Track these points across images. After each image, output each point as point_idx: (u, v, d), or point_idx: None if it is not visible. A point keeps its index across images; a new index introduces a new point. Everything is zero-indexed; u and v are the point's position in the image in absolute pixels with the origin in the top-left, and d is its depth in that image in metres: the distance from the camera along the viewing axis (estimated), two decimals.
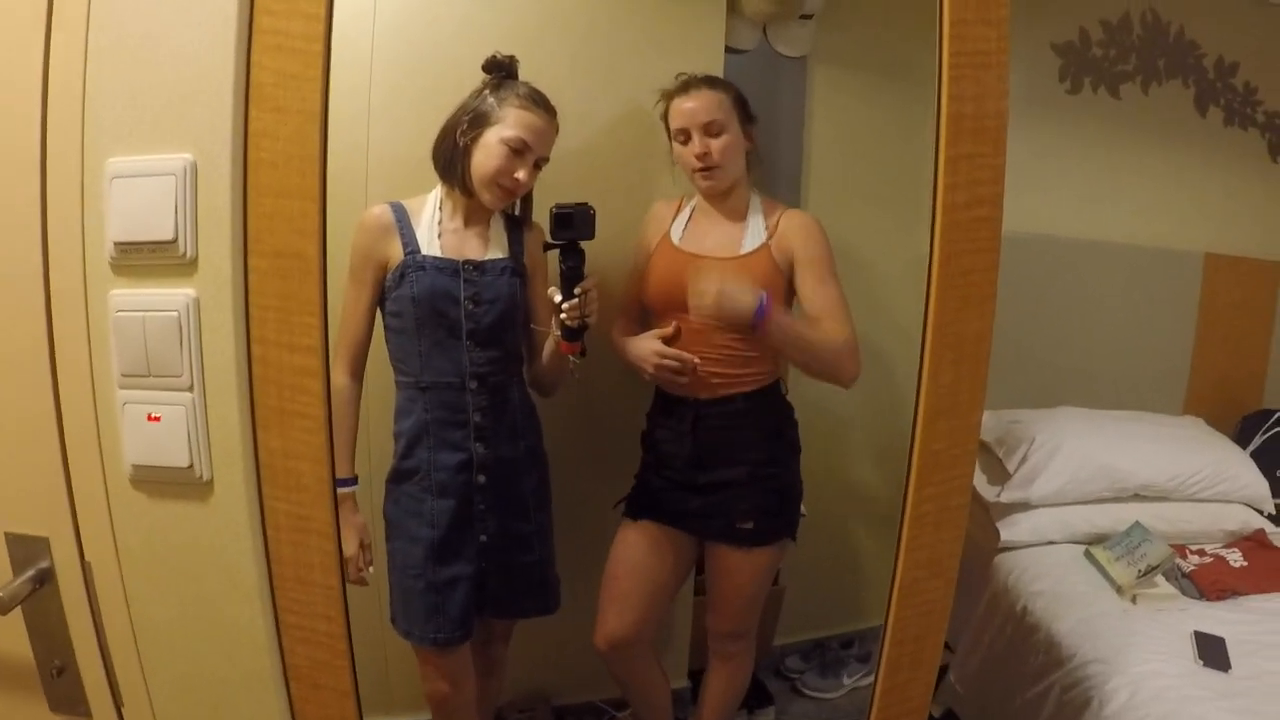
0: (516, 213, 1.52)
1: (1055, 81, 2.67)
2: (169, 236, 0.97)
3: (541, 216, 1.43)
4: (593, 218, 1.35)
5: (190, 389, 1.00)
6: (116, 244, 0.98)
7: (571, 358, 1.43)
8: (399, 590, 1.51)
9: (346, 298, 1.46)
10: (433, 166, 1.47)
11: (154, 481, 1.03)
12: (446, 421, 1.46)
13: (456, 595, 1.48)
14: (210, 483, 1.03)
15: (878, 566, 1.24)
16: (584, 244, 1.39)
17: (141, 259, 0.99)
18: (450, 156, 1.44)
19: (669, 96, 1.54)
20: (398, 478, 1.49)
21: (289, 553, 1.06)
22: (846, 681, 2.06)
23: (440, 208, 1.47)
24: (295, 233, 0.98)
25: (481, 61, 1.44)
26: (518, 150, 1.40)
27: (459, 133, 1.43)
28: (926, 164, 1.11)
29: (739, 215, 1.56)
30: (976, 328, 1.16)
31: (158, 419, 1.01)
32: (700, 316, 1.46)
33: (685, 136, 1.51)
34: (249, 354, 1.01)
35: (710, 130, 1.49)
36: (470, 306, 1.43)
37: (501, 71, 1.44)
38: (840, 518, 1.99)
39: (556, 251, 1.37)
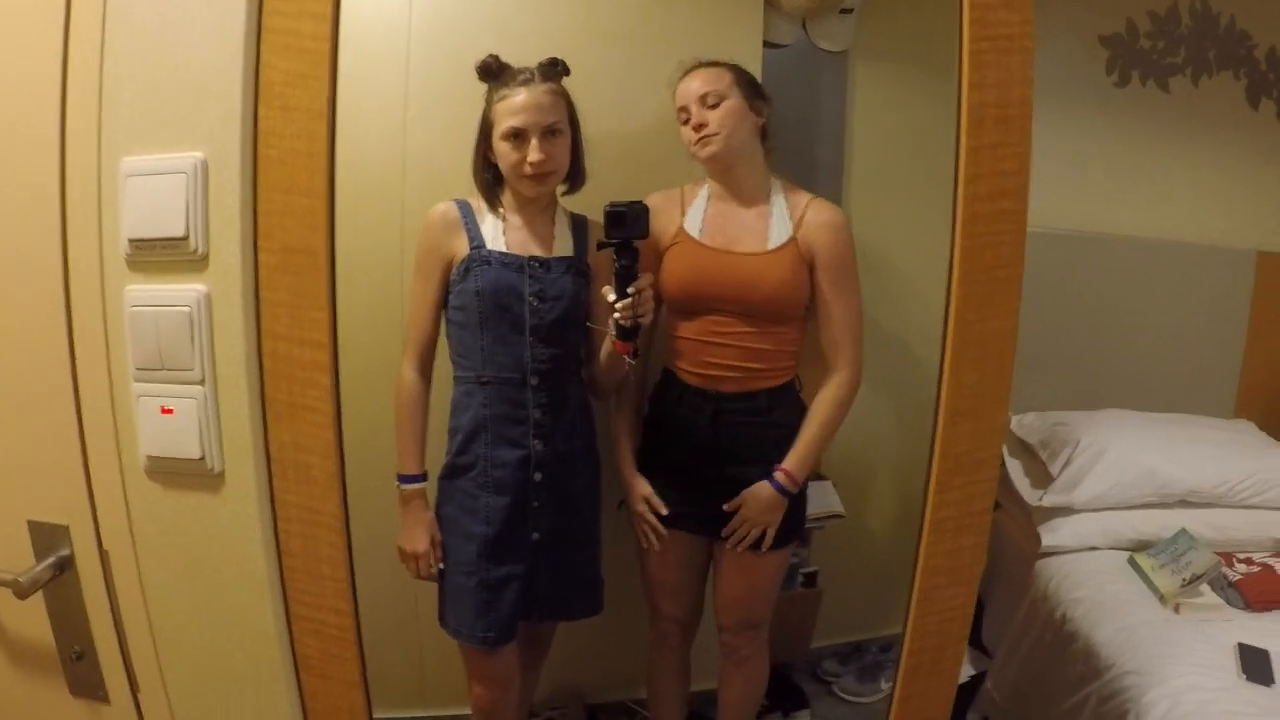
0: (565, 189, 1.51)
1: (1102, 75, 2.60)
2: (181, 233, 0.99)
3: (598, 213, 1.42)
4: (646, 216, 1.33)
5: (201, 382, 1.02)
6: (131, 241, 1.01)
7: (626, 358, 1.42)
8: (450, 588, 1.49)
9: (413, 294, 1.47)
10: (479, 194, 1.48)
11: (168, 473, 1.06)
12: (506, 417, 1.46)
13: (508, 594, 1.47)
14: (222, 474, 1.05)
15: None
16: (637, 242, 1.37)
17: (155, 255, 1.01)
18: (484, 178, 1.47)
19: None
20: (452, 473, 1.49)
21: (299, 545, 1.07)
22: (884, 686, 2.02)
23: (503, 206, 1.48)
24: (304, 229, 0.99)
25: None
26: (517, 137, 1.40)
27: (482, 152, 1.45)
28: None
29: (759, 200, 1.53)
30: (1000, 325, 1.13)
31: (171, 411, 1.02)
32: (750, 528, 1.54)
33: (686, 114, 1.49)
34: (259, 348, 1.03)
35: (706, 102, 1.47)
36: (535, 303, 1.43)
37: (490, 75, 1.43)
38: (879, 520, 1.96)
39: (610, 250, 1.36)
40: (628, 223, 1.32)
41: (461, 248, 1.45)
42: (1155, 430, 2.43)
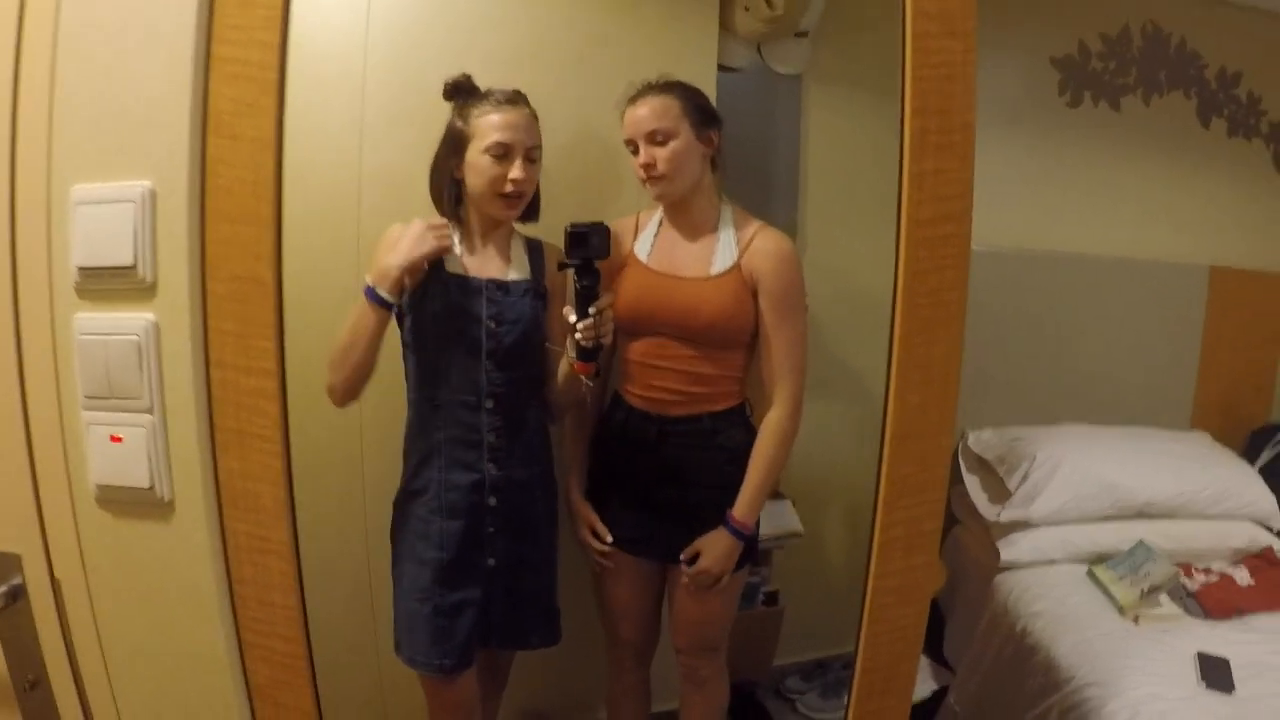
0: (523, 219, 1.50)
1: (1055, 95, 2.65)
2: (129, 262, 0.99)
3: (555, 236, 1.42)
4: (608, 237, 1.34)
5: (150, 411, 1.02)
6: (80, 269, 1.01)
7: (584, 379, 1.41)
8: (404, 615, 1.48)
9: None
10: (435, 208, 1.46)
11: (118, 501, 1.06)
12: (460, 440, 1.44)
13: (463, 621, 1.46)
14: (171, 503, 1.05)
15: None
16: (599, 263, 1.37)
17: (104, 283, 1.01)
18: (445, 192, 1.45)
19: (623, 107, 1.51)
20: (406, 498, 1.48)
21: (249, 573, 1.07)
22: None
23: (461, 226, 1.47)
24: (252, 257, 1.00)
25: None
26: (502, 154, 1.39)
27: (448, 167, 1.44)
28: None
29: (708, 228, 1.52)
30: (945, 348, 1.14)
31: (120, 440, 1.02)
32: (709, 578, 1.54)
33: (634, 147, 1.48)
34: (207, 377, 1.03)
35: (654, 139, 1.45)
36: (492, 326, 1.43)
37: (462, 94, 1.43)
38: (838, 538, 1.97)
39: (571, 271, 1.37)
40: (590, 243, 1.33)
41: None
42: (1112, 443, 2.47)
